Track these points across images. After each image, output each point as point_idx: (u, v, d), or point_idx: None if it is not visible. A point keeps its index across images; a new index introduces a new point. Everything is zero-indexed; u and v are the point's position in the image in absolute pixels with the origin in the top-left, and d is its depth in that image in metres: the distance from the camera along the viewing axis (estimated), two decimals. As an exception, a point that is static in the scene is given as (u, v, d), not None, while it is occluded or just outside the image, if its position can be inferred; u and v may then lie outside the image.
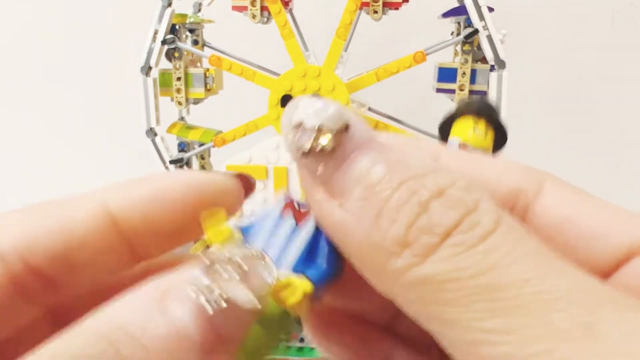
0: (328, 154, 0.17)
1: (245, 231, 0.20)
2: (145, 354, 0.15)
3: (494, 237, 0.15)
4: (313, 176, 0.17)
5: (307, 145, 0.17)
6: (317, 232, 0.19)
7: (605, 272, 0.17)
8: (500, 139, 0.52)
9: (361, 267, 0.17)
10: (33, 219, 0.19)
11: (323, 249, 0.19)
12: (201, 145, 0.76)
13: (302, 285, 0.18)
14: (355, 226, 0.16)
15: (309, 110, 0.17)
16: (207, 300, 0.15)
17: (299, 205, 0.20)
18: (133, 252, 0.19)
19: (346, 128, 0.17)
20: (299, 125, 0.17)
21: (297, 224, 0.20)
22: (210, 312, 0.15)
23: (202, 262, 0.16)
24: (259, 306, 0.16)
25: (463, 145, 0.51)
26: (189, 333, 0.15)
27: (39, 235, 0.19)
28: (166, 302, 0.16)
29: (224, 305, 0.15)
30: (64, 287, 0.19)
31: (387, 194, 0.16)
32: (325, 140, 0.17)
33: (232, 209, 0.20)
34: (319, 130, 0.17)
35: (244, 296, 0.16)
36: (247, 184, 0.21)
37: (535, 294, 0.14)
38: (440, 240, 0.15)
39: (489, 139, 0.52)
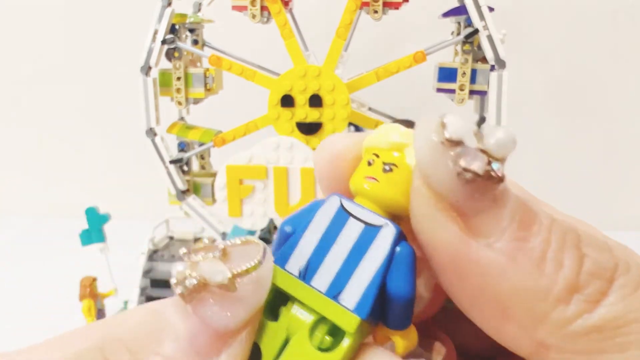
0: (495, 185, 0.14)
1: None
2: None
3: None
4: (451, 205, 0.15)
5: (481, 170, 0.14)
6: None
7: None
8: None
9: (501, 317, 0.15)
10: None
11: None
12: (201, 145, 0.76)
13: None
14: (512, 270, 0.14)
15: (466, 127, 0.14)
16: (179, 283, 0.15)
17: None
18: None
19: (505, 160, 0.14)
20: (457, 143, 0.14)
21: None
22: (179, 292, 0.15)
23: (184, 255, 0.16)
24: (229, 275, 0.15)
25: None
26: (177, 328, 0.15)
27: None
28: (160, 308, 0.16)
29: (194, 282, 0.15)
30: None
31: (543, 237, 0.15)
32: (498, 167, 0.14)
33: None
34: (488, 155, 0.14)
35: (215, 270, 0.15)
36: None
37: None
38: (609, 284, 0.14)
39: None
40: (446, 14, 0.70)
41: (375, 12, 0.67)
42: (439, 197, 0.15)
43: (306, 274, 0.16)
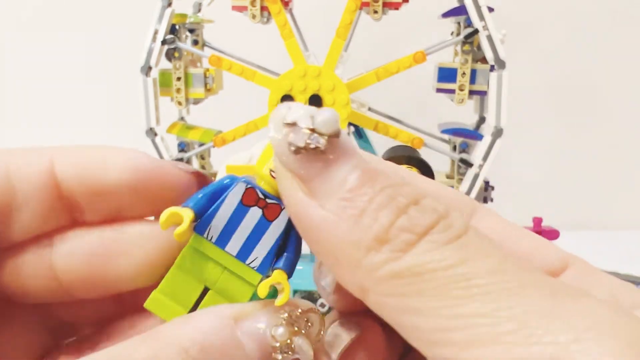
0: (319, 154, 0.18)
1: (203, 218, 0.21)
2: None
3: (466, 237, 0.17)
4: (294, 175, 0.18)
5: (301, 143, 0.18)
6: (289, 228, 0.21)
7: None
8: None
9: (335, 265, 0.18)
10: None
11: (292, 244, 0.21)
12: (201, 145, 0.76)
13: (287, 287, 0.20)
14: (336, 225, 0.17)
15: (302, 112, 0.18)
16: (280, 349, 0.18)
17: (264, 194, 0.21)
18: (70, 210, 0.21)
19: (337, 134, 0.18)
20: (292, 124, 0.18)
21: (265, 217, 0.21)
22: (279, 359, 0.18)
23: (280, 312, 0.19)
24: (312, 358, 0.19)
25: None
26: None
27: None
28: (240, 331, 0.18)
29: (290, 354, 0.18)
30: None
31: (368, 197, 0.17)
32: (321, 140, 0.18)
33: (177, 200, 0.22)
34: (313, 131, 0.18)
35: (306, 351, 0.18)
36: (201, 181, 0.23)
37: (502, 283, 0.16)
38: (418, 238, 0.17)
39: None
40: (446, 14, 0.70)
41: (375, 12, 0.67)
42: (285, 168, 0.19)
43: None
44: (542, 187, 1.11)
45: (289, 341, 0.18)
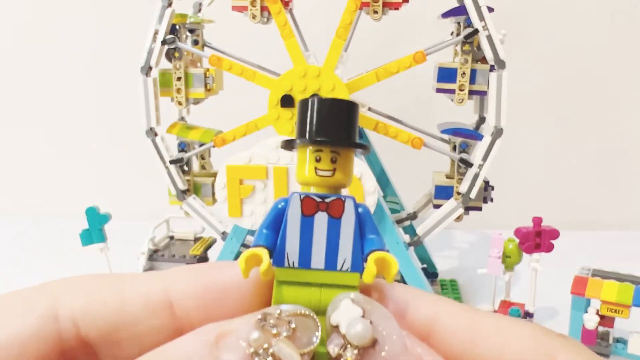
0: None
1: (277, 249, 0.20)
2: None
3: None
4: None
5: (333, 353, 0.18)
6: (358, 213, 0.20)
7: None
8: None
9: None
10: (95, 289, 0.20)
11: (368, 225, 0.21)
12: (201, 145, 0.76)
13: (391, 258, 0.19)
14: None
15: (343, 316, 0.18)
16: (256, 354, 0.17)
17: (320, 197, 0.20)
18: (180, 331, 0.20)
19: (373, 344, 0.18)
20: (335, 327, 0.18)
21: (332, 217, 0.20)
22: None
23: (255, 316, 0.18)
24: None
25: None
26: None
27: (98, 307, 0.19)
28: (219, 349, 0.17)
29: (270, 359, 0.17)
30: (102, 355, 0.20)
31: None
32: (350, 354, 0.18)
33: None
34: (347, 341, 0.18)
35: (289, 354, 0.17)
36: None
37: None
38: None
39: None
40: (446, 14, 0.70)
41: (375, 12, 0.67)
42: None
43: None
44: (542, 187, 1.11)
45: (266, 345, 0.17)
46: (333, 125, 0.21)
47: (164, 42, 0.70)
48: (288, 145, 0.21)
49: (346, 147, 0.21)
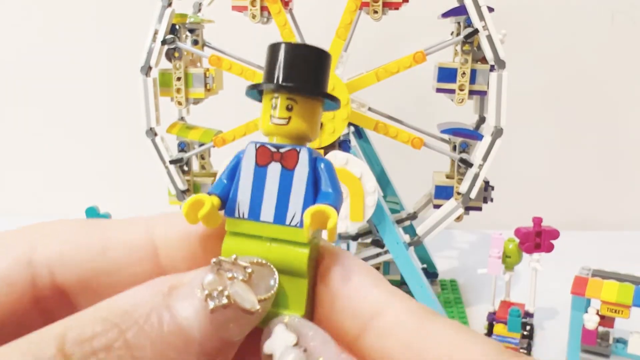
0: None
1: (230, 198, 0.19)
2: (146, 341, 0.16)
3: None
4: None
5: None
6: (314, 166, 0.19)
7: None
8: None
9: None
10: (74, 234, 0.19)
11: (324, 179, 0.19)
12: (201, 145, 0.76)
13: (331, 210, 0.18)
14: None
15: (277, 345, 0.17)
16: (210, 296, 0.16)
17: (276, 147, 0.20)
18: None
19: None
20: (269, 356, 0.17)
21: (286, 168, 0.19)
22: (211, 306, 0.16)
23: (211, 264, 0.17)
24: (258, 307, 0.17)
25: None
26: (190, 330, 0.16)
27: (77, 253, 0.19)
28: (172, 297, 0.17)
29: (225, 301, 0.16)
30: (80, 305, 0.19)
31: None
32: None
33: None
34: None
35: (246, 296, 0.16)
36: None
37: None
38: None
39: None
40: (446, 14, 0.70)
41: (375, 12, 0.67)
42: None
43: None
44: (542, 187, 1.11)
45: (220, 288, 0.16)
46: (294, 71, 0.19)
47: (163, 42, 0.70)
48: (254, 94, 0.20)
49: (303, 94, 0.19)
